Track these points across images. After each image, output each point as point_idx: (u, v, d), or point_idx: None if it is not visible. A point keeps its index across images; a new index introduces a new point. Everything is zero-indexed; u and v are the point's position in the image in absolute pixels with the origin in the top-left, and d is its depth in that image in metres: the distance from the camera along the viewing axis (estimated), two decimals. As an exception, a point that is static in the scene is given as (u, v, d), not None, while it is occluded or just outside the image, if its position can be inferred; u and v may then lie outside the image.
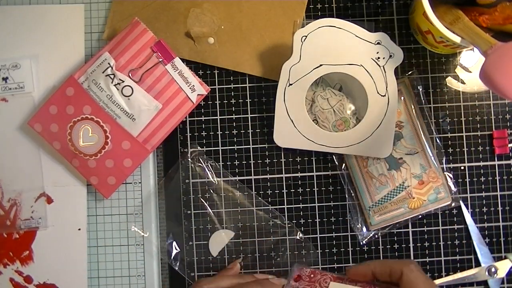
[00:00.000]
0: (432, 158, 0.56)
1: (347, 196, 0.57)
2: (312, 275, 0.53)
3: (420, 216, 0.57)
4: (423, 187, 0.56)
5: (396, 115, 0.54)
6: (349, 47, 0.53)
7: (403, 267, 0.46)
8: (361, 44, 0.53)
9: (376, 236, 0.57)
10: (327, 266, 0.57)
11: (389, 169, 0.56)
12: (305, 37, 0.53)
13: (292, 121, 0.55)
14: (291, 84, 0.54)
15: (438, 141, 0.57)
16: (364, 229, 0.57)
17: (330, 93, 0.56)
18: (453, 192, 0.56)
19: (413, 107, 0.56)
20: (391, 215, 0.56)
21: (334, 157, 0.57)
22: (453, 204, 0.56)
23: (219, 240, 0.57)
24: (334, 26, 0.53)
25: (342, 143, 0.55)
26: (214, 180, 0.57)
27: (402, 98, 0.56)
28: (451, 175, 0.57)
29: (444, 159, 0.57)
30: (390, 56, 0.53)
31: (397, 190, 0.56)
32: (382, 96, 0.54)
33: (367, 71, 0.54)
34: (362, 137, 0.55)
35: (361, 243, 0.57)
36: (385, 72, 0.53)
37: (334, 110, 0.55)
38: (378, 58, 0.53)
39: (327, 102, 0.55)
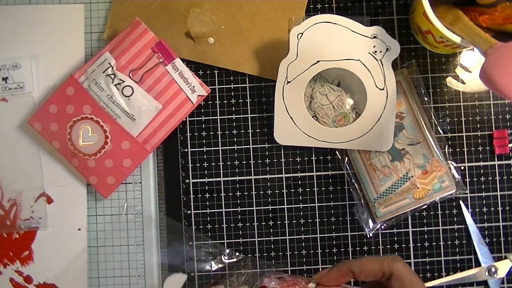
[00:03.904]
0: (435, 147, 0.56)
1: (351, 190, 0.57)
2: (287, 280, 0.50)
3: (425, 206, 0.57)
4: (427, 177, 0.56)
5: (395, 108, 0.54)
6: (346, 42, 0.53)
7: (395, 263, 0.44)
8: (357, 39, 0.53)
9: (383, 226, 0.57)
10: (327, 266, 0.57)
11: (392, 161, 0.56)
12: (301, 34, 0.53)
13: (292, 119, 0.55)
14: (289, 82, 0.54)
15: (440, 131, 0.57)
16: (370, 221, 0.57)
17: (329, 88, 0.56)
18: (457, 179, 0.56)
19: (413, 97, 0.56)
20: (397, 206, 0.56)
21: (336, 152, 0.57)
22: (457, 192, 0.56)
23: (174, 285, 0.55)
24: (330, 22, 0.53)
25: (343, 138, 0.55)
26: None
27: (402, 89, 0.56)
28: (454, 163, 0.57)
29: (446, 146, 0.57)
30: (387, 49, 0.53)
31: (401, 181, 0.56)
32: (380, 89, 0.54)
33: (365, 65, 0.54)
34: (362, 131, 0.55)
35: (368, 235, 0.57)
36: (382, 65, 0.54)
37: (333, 106, 0.55)
38: (375, 52, 0.53)
39: (326, 98, 0.55)
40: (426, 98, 0.57)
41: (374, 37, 0.53)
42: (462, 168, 0.58)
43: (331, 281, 0.45)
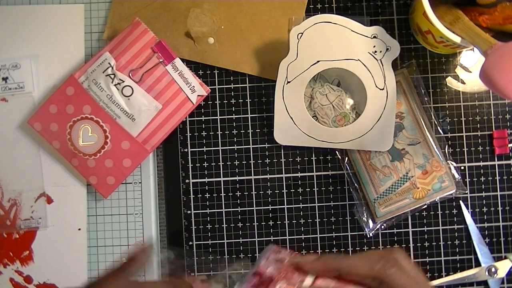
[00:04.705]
0: (435, 147, 0.56)
1: (351, 190, 0.57)
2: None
3: (425, 206, 0.57)
4: (427, 177, 0.56)
5: (395, 108, 0.54)
6: (346, 42, 0.53)
7: (389, 268, 0.38)
8: (357, 39, 0.53)
9: (383, 226, 0.57)
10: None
11: (392, 161, 0.56)
12: (301, 34, 0.53)
13: (292, 119, 0.55)
14: (289, 82, 0.55)
15: (440, 131, 0.57)
16: (370, 221, 0.57)
17: (329, 88, 0.56)
18: (457, 179, 0.56)
19: (413, 97, 0.56)
20: (397, 206, 0.56)
21: (336, 152, 0.57)
22: (457, 192, 0.56)
23: None
24: (330, 22, 0.53)
25: (343, 138, 0.55)
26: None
27: (402, 89, 0.56)
28: (454, 163, 0.57)
29: (446, 146, 0.57)
30: (387, 49, 0.53)
31: (401, 181, 0.56)
32: (380, 89, 0.54)
33: (365, 65, 0.54)
34: (362, 131, 0.55)
35: (368, 235, 0.57)
36: (382, 65, 0.54)
37: (333, 106, 0.55)
38: (375, 51, 0.53)
39: (326, 98, 0.55)
40: (426, 98, 0.57)
41: (374, 37, 0.53)
42: (462, 168, 0.58)
43: (314, 271, 0.41)
